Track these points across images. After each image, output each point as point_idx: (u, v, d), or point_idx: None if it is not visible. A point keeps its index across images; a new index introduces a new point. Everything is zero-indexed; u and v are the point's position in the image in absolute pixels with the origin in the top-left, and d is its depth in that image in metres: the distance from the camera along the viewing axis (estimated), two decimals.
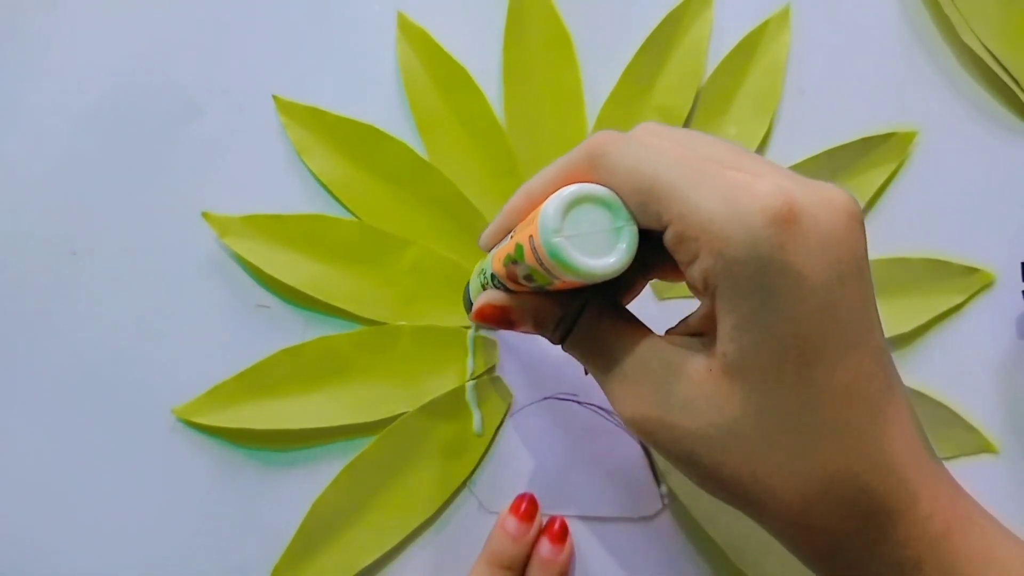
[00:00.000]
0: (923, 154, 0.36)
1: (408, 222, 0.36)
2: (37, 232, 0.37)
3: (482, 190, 0.36)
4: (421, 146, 0.37)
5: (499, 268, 0.25)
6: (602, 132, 0.23)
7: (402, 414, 0.35)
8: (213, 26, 0.38)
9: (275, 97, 0.37)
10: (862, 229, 0.21)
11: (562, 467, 0.35)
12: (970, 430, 0.34)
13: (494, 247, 0.27)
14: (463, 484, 0.35)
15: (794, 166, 0.36)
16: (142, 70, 0.38)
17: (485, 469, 0.35)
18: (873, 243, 0.35)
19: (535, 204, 0.24)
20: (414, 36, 0.37)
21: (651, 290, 0.36)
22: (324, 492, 0.34)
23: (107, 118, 0.37)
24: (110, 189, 0.37)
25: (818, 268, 0.20)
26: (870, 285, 0.22)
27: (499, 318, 0.26)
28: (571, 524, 0.34)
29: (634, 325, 0.25)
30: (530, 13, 0.37)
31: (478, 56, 0.37)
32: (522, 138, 0.36)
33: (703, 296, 0.22)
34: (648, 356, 0.23)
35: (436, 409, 0.35)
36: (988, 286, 0.35)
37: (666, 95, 0.36)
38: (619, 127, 0.36)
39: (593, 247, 0.21)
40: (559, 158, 0.25)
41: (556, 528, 0.34)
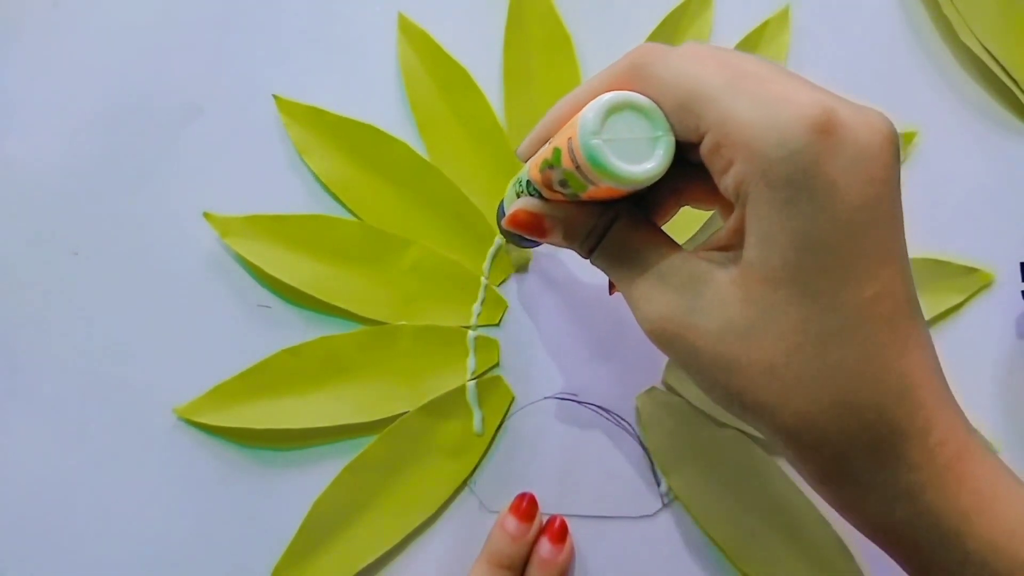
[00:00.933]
0: (923, 154, 0.36)
1: (409, 222, 0.36)
2: (39, 232, 0.37)
3: (483, 190, 0.36)
4: (422, 146, 0.37)
5: (535, 174, 0.25)
6: (646, 43, 0.24)
7: (403, 414, 0.35)
8: (214, 26, 0.38)
9: (276, 97, 0.37)
10: (898, 153, 0.21)
11: (562, 466, 0.35)
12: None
13: (531, 157, 0.27)
14: (463, 483, 0.35)
15: None
16: (143, 70, 0.38)
17: (485, 468, 0.35)
18: None
19: (575, 113, 0.24)
20: (414, 37, 0.37)
21: None
22: (325, 492, 0.34)
23: (108, 118, 0.38)
24: (111, 189, 0.37)
25: (852, 182, 0.20)
26: (900, 209, 0.21)
27: (531, 224, 0.26)
28: (571, 523, 0.34)
29: (663, 238, 0.25)
30: (530, 14, 0.37)
31: (479, 57, 0.37)
32: (522, 138, 0.36)
33: (733, 205, 0.22)
34: (676, 267, 0.23)
35: (437, 409, 0.35)
36: (988, 286, 0.35)
37: None
38: None
39: (630, 153, 0.22)
40: (601, 71, 0.25)
41: (556, 528, 0.34)
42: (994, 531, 0.21)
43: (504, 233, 0.32)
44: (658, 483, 0.35)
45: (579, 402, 0.35)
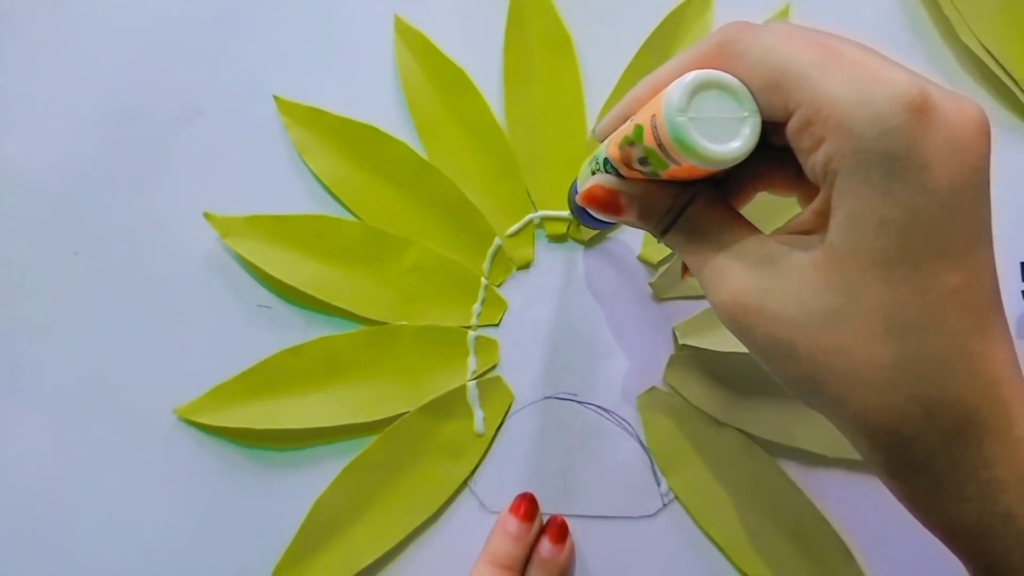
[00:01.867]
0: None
1: (409, 222, 0.36)
2: (39, 232, 0.37)
3: (482, 190, 0.36)
4: (421, 147, 0.37)
5: (614, 152, 0.25)
6: (734, 21, 0.23)
7: (403, 414, 0.35)
8: (214, 27, 0.38)
9: (276, 97, 0.37)
10: (989, 143, 0.21)
11: (562, 467, 0.35)
12: None
13: (608, 136, 0.27)
14: (464, 484, 0.35)
15: None
16: (143, 71, 0.38)
17: (486, 469, 0.35)
18: None
19: (657, 92, 0.23)
20: (411, 39, 0.37)
21: (651, 291, 0.36)
22: (325, 491, 0.34)
23: (109, 118, 0.38)
24: (112, 189, 0.37)
25: (945, 165, 0.20)
26: (989, 199, 0.21)
27: (607, 200, 0.26)
28: (571, 523, 0.34)
29: (741, 220, 0.24)
30: (530, 14, 0.37)
31: (479, 57, 0.37)
32: (522, 138, 0.36)
33: (817, 188, 0.22)
34: (754, 248, 0.23)
35: (437, 409, 0.35)
36: None
37: None
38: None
39: (715, 133, 0.21)
40: (685, 49, 0.24)
41: (556, 528, 0.34)
42: None
43: (575, 212, 0.31)
44: (658, 483, 0.35)
45: (579, 402, 0.35)
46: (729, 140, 0.21)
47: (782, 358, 0.22)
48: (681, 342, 0.35)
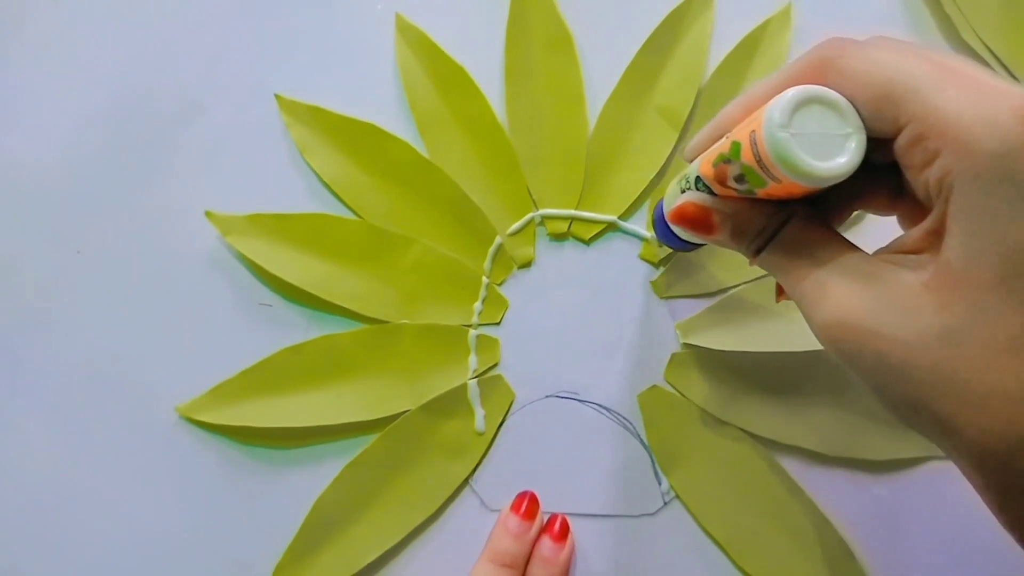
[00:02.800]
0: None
1: (410, 221, 0.36)
2: (41, 231, 0.37)
3: (483, 189, 0.36)
4: (422, 146, 0.37)
5: (707, 169, 0.25)
6: (834, 37, 0.22)
7: (404, 412, 0.35)
8: (215, 25, 0.38)
9: (277, 96, 0.37)
10: None
11: (563, 465, 0.35)
12: None
13: (699, 155, 0.27)
14: (465, 482, 0.35)
15: None
16: (145, 69, 0.38)
17: (487, 467, 0.35)
18: (873, 242, 0.35)
19: (752, 110, 0.23)
20: (412, 37, 0.37)
21: (651, 289, 0.36)
22: (326, 490, 0.34)
23: (110, 117, 0.38)
24: (114, 188, 0.37)
25: None
26: None
27: (699, 218, 0.25)
28: (572, 522, 0.34)
29: (841, 238, 0.23)
30: (532, 13, 0.37)
31: (480, 56, 0.37)
32: (524, 137, 0.36)
33: (924, 205, 0.21)
34: (857, 267, 0.22)
35: (438, 407, 0.35)
36: None
37: (667, 95, 0.36)
38: (621, 127, 0.36)
39: (818, 149, 0.21)
40: (784, 65, 0.24)
41: (557, 526, 0.34)
42: None
43: (659, 233, 0.31)
44: (659, 482, 0.35)
45: (580, 401, 0.35)
46: (834, 157, 0.21)
47: (891, 380, 0.21)
48: (682, 341, 0.35)
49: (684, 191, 0.27)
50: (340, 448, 0.35)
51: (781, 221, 0.24)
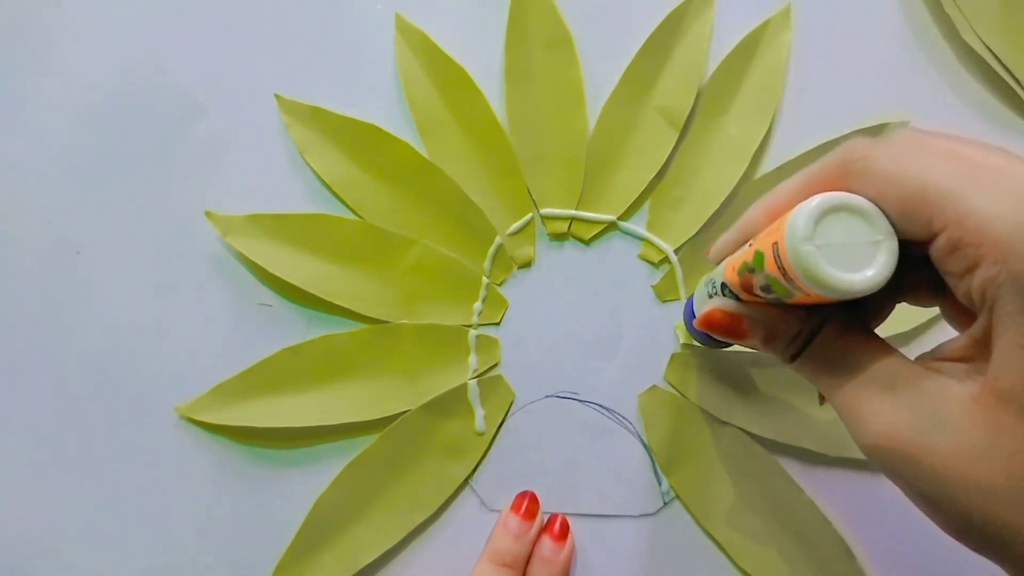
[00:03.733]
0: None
1: (410, 221, 0.36)
2: (41, 231, 0.37)
3: (483, 189, 0.36)
4: (421, 146, 0.37)
5: (732, 277, 0.24)
6: (855, 140, 0.21)
7: (404, 412, 0.35)
8: (215, 26, 0.38)
9: (277, 96, 0.37)
10: None
11: (563, 465, 0.35)
12: None
13: (725, 258, 0.26)
14: (465, 482, 0.35)
15: (789, 162, 0.36)
16: (145, 70, 0.38)
17: (487, 467, 0.35)
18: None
19: (775, 216, 0.22)
20: (412, 37, 0.37)
21: (652, 293, 0.36)
22: (326, 490, 0.34)
23: (110, 118, 0.38)
24: (114, 188, 0.37)
25: None
26: None
27: (728, 326, 0.24)
28: (572, 521, 0.34)
29: (881, 344, 0.22)
30: (532, 14, 0.37)
31: (480, 56, 0.37)
32: (523, 137, 0.36)
33: (969, 307, 0.20)
34: (901, 377, 0.21)
35: (438, 407, 0.35)
36: None
37: (667, 95, 0.36)
38: (621, 127, 0.36)
39: (846, 260, 0.19)
40: (805, 168, 0.23)
41: (557, 526, 0.34)
42: None
43: (691, 329, 0.30)
44: (659, 482, 0.35)
45: (580, 401, 0.35)
46: (863, 268, 0.19)
47: (945, 504, 0.20)
48: (682, 341, 0.35)
49: (712, 296, 0.26)
50: (340, 448, 0.35)
51: (816, 325, 0.23)
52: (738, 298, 0.24)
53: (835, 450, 0.34)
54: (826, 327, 0.23)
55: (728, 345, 0.30)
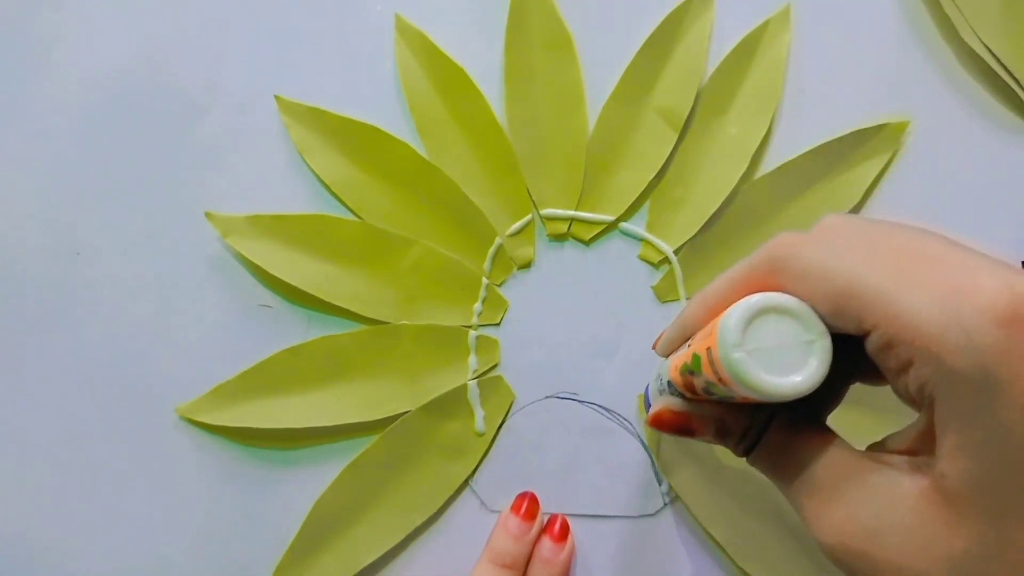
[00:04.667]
0: (923, 154, 0.36)
1: (410, 221, 0.36)
2: (41, 232, 0.37)
3: (483, 190, 0.36)
4: (421, 147, 0.37)
5: (676, 377, 0.24)
6: (782, 234, 0.21)
7: (404, 413, 0.35)
8: (215, 27, 0.38)
9: (277, 97, 0.37)
10: None
11: (563, 466, 0.35)
12: None
13: (671, 354, 0.25)
14: (465, 483, 0.35)
15: (788, 163, 0.36)
16: (145, 71, 0.38)
17: (487, 468, 0.35)
18: None
19: (713, 313, 0.22)
20: (412, 38, 0.37)
21: (652, 294, 0.36)
22: (326, 491, 0.34)
23: (110, 119, 0.38)
24: (113, 189, 0.37)
25: None
26: None
27: (678, 424, 0.24)
28: (572, 522, 0.34)
29: (831, 438, 0.22)
30: (532, 14, 0.37)
31: (479, 57, 0.37)
32: (523, 138, 0.36)
33: (916, 408, 0.20)
34: (849, 475, 0.20)
35: (438, 408, 0.35)
36: None
37: (667, 95, 0.36)
38: (620, 127, 0.36)
39: (779, 363, 0.19)
40: (737, 264, 0.22)
41: (557, 527, 0.34)
42: None
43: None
44: (659, 482, 0.35)
45: (580, 401, 0.35)
46: (795, 371, 0.19)
47: None
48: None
49: (661, 393, 0.25)
50: (340, 449, 0.35)
51: (765, 420, 0.23)
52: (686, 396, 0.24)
53: None
54: (774, 423, 0.23)
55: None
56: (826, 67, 0.37)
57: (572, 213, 0.36)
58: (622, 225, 0.36)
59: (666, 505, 0.35)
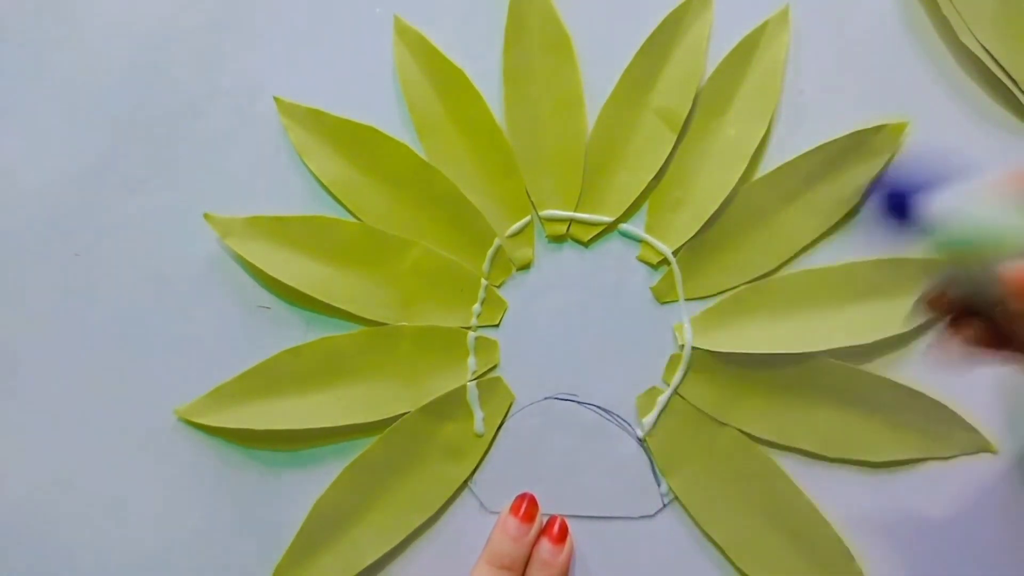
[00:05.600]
0: (922, 154, 0.36)
1: (409, 223, 0.36)
2: (40, 233, 0.37)
3: (482, 191, 0.36)
4: (420, 148, 0.37)
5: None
6: None
7: (403, 414, 0.35)
8: (214, 28, 0.38)
9: (276, 98, 0.37)
10: None
11: (562, 467, 0.35)
12: (970, 429, 0.34)
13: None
14: (464, 484, 0.35)
15: (787, 164, 0.36)
16: (144, 72, 0.38)
17: (486, 469, 0.35)
18: (872, 243, 0.35)
19: None
20: (411, 39, 0.37)
21: (651, 295, 0.36)
22: (325, 492, 0.34)
23: (109, 120, 0.38)
24: (112, 191, 0.37)
25: None
26: None
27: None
28: (571, 523, 0.34)
29: None
30: (530, 16, 0.37)
31: (478, 58, 0.37)
32: (522, 139, 0.36)
33: None
34: None
35: (437, 409, 0.35)
36: None
37: (666, 96, 0.36)
38: (619, 129, 0.36)
39: None
40: None
41: (556, 529, 0.34)
42: None
43: (889, 204, 0.24)
44: (658, 483, 0.35)
45: (579, 402, 0.35)
46: None
47: None
48: (681, 342, 0.35)
49: None
50: (339, 450, 0.35)
51: None
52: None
53: (835, 451, 0.34)
54: None
55: (917, 227, 0.24)
56: (825, 68, 0.37)
57: (571, 214, 0.36)
58: (621, 226, 0.36)
59: (665, 506, 0.35)
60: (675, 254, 0.36)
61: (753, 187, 0.36)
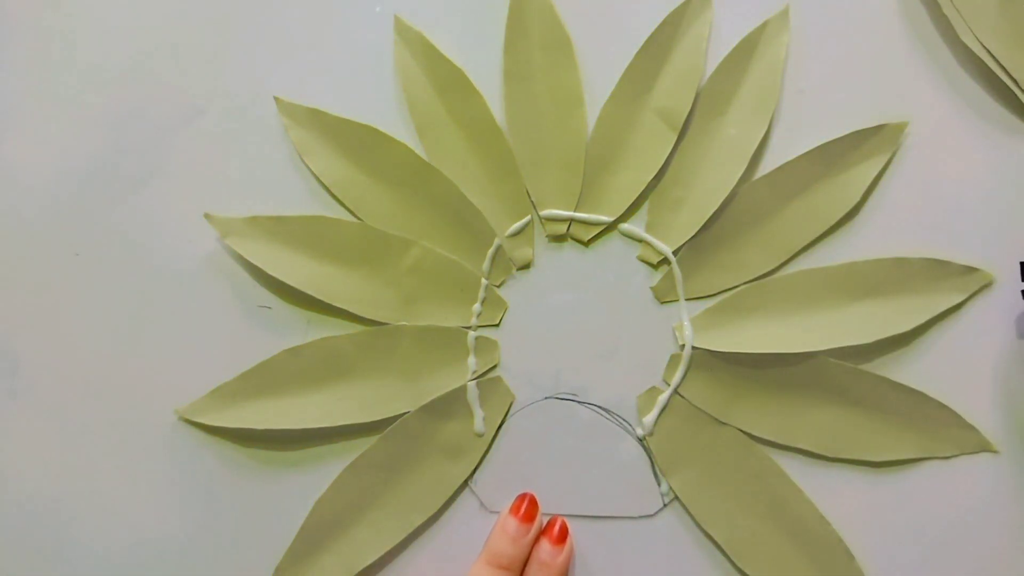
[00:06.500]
0: (922, 154, 0.36)
1: (409, 223, 0.36)
2: (40, 233, 0.37)
3: (482, 191, 0.36)
4: (420, 148, 0.37)
5: None
6: None
7: (403, 414, 0.35)
8: (215, 28, 0.38)
9: (276, 98, 0.37)
10: None
11: (562, 467, 0.35)
12: (970, 429, 0.34)
13: None
14: (464, 484, 0.35)
15: (787, 164, 0.36)
16: (144, 72, 0.38)
17: (486, 469, 0.35)
18: (872, 243, 0.36)
19: None
20: (411, 39, 0.37)
21: (651, 295, 0.36)
22: (326, 492, 0.34)
23: (109, 120, 0.38)
24: (113, 190, 0.37)
25: None
26: None
27: None
28: (571, 523, 0.34)
29: None
30: (530, 15, 0.37)
31: (478, 58, 0.37)
32: (522, 139, 0.36)
33: None
34: None
35: (437, 409, 0.35)
36: (988, 286, 0.35)
37: (666, 96, 0.36)
38: (619, 128, 0.36)
39: None
40: None
41: (556, 530, 0.34)
42: None
43: None
44: (658, 483, 0.35)
45: (579, 402, 0.35)
46: None
47: None
48: (681, 342, 0.35)
49: None
50: (339, 450, 0.35)
51: None
52: None
53: (835, 450, 0.34)
54: None
55: None
56: (825, 68, 0.37)
57: (571, 214, 0.36)
58: (621, 226, 0.36)
59: (665, 506, 0.35)
60: (675, 254, 0.36)
61: (753, 187, 0.36)
